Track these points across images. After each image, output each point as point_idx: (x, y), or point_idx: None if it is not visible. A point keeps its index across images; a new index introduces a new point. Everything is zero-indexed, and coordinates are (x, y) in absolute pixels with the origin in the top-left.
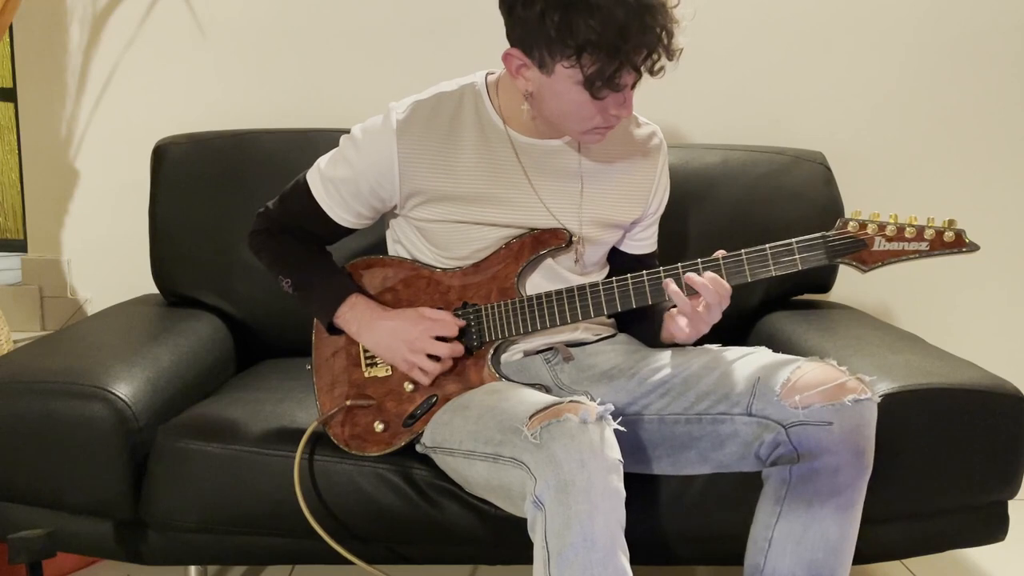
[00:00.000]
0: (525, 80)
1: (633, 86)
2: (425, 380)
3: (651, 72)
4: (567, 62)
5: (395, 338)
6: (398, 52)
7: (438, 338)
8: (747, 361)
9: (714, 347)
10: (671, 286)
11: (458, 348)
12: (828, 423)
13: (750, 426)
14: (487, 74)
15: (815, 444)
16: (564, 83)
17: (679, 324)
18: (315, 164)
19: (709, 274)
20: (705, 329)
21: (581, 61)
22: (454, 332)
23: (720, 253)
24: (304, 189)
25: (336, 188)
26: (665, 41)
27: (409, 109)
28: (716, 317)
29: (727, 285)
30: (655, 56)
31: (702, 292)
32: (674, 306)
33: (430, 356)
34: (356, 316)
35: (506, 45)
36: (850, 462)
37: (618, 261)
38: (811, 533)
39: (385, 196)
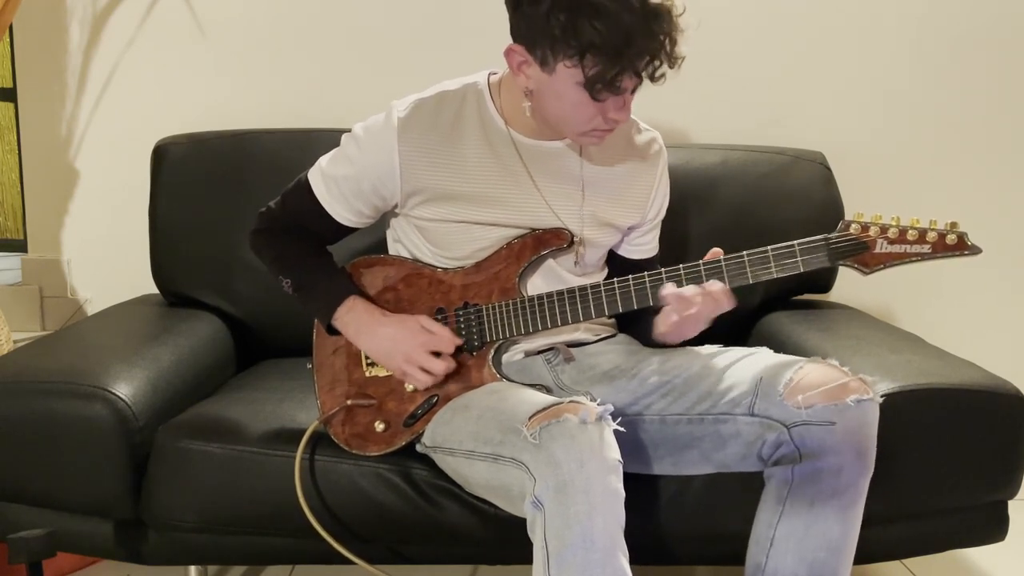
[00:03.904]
0: (526, 77)
1: (633, 91)
2: (420, 387)
3: (652, 78)
4: (569, 62)
5: (393, 346)
6: (398, 52)
7: (435, 352)
8: (749, 361)
9: (715, 347)
10: (667, 287)
11: (452, 365)
12: (831, 423)
13: (752, 426)
14: (489, 74)
15: (818, 444)
16: (564, 83)
17: (668, 323)
18: (317, 163)
19: (711, 284)
20: (691, 333)
21: (584, 62)
22: (450, 349)
23: (716, 252)
24: (305, 187)
25: (337, 186)
26: (668, 48)
27: (411, 107)
28: (706, 324)
29: (718, 297)
30: (657, 62)
31: (693, 303)
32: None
33: (424, 370)
34: (354, 319)
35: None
36: (852, 462)
37: (618, 265)
38: (813, 533)
39: (386, 194)
